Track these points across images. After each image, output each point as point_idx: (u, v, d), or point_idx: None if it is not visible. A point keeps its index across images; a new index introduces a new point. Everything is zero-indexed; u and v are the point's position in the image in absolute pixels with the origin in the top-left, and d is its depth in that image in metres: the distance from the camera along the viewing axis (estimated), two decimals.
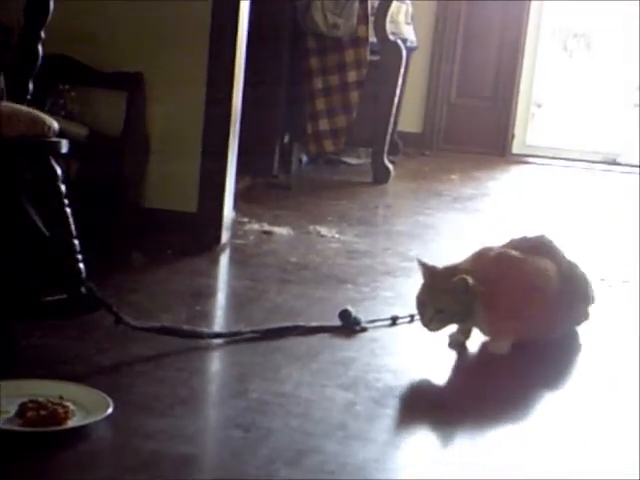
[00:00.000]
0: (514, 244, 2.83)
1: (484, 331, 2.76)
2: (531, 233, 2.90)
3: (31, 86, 2.69)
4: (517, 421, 2.33)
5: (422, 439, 2.22)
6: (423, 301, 2.69)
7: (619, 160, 6.97)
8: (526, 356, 2.70)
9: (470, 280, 2.63)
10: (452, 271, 2.69)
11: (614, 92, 7.53)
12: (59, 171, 2.64)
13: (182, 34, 3.56)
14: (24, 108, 2.59)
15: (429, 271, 2.71)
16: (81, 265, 2.69)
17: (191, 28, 3.56)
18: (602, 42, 7.58)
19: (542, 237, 2.87)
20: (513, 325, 2.70)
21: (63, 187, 2.66)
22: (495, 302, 2.68)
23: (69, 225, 2.66)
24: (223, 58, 3.56)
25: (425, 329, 2.68)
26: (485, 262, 2.75)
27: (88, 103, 3.57)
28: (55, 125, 2.59)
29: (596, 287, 3.04)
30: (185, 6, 3.53)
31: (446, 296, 2.64)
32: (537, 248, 2.82)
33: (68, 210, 2.66)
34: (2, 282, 2.74)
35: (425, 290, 2.70)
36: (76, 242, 2.68)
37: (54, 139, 2.60)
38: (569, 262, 2.87)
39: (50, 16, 2.63)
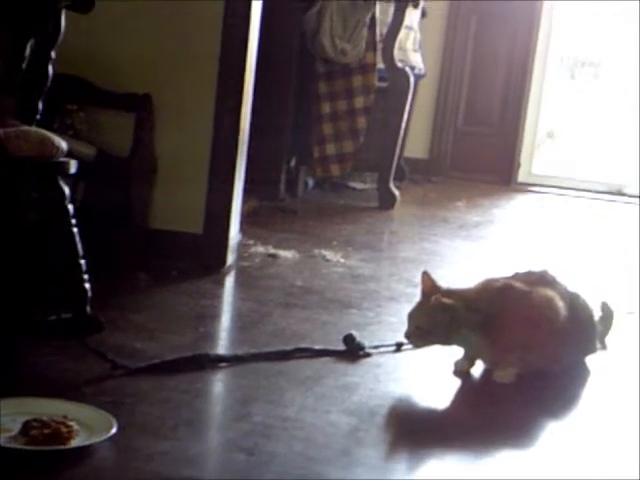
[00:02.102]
0: (519, 277, 2.84)
1: (487, 361, 2.76)
2: (535, 267, 2.90)
3: (40, 106, 2.70)
4: (520, 450, 2.32)
5: (424, 466, 2.21)
6: (410, 315, 2.73)
7: (625, 191, 6.97)
8: (531, 386, 2.69)
9: (447, 302, 2.64)
10: (449, 294, 2.69)
11: (621, 122, 7.54)
12: (67, 191, 2.65)
13: (191, 58, 3.58)
14: (33, 128, 2.60)
15: (427, 287, 2.73)
16: (87, 285, 2.70)
17: (201, 52, 3.57)
18: (610, 71, 7.61)
19: (546, 272, 2.87)
20: (519, 355, 2.70)
21: (71, 207, 2.67)
22: (500, 332, 2.68)
23: (76, 245, 2.67)
24: (232, 81, 3.58)
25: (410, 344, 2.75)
26: (490, 292, 2.75)
27: (96, 123, 3.58)
28: (64, 145, 2.60)
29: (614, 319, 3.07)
30: (195, 30, 3.55)
31: (425, 315, 2.68)
32: (541, 281, 2.82)
33: (75, 230, 2.67)
34: (7, 300, 2.75)
35: (416, 305, 2.74)
36: (82, 262, 2.69)
37: (63, 159, 2.61)
38: (573, 295, 2.87)
39: (61, 37, 2.65)
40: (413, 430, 2.40)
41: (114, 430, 2.06)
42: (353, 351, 2.81)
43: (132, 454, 2.04)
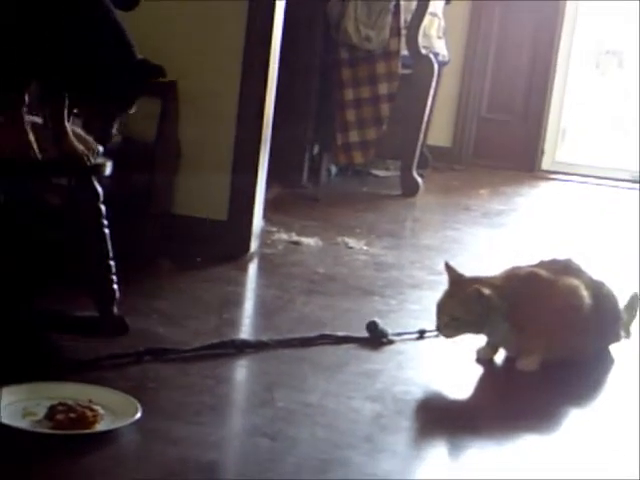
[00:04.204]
0: (543, 265, 2.83)
1: (510, 349, 2.75)
2: (560, 256, 2.89)
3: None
4: (543, 436, 2.32)
5: (447, 453, 2.22)
6: (441, 306, 2.72)
7: None
8: (555, 373, 2.69)
9: (485, 291, 2.63)
10: (476, 282, 2.69)
11: None
12: (101, 192, 2.64)
13: (216, 45, 3.58)
14: (69, 129, 2.58)
15: (453, 277, 2.74)
16: (115, 286, 2.68)
17: (225, 39, 3.57)
18: (634, 60, 7.55)
19: (570, 260, 2.87)
20: (543, 343, 2.70)
21: (103, 208, 2.66)
22: (525, 320, 2.68)
23: (106, 246, 2.65)
24: (256, 68, 3.58)
25: (441, 335, 2.73)
26: (515, 280, 2.75)
27: None
28: (99, 147, 2.59)
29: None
30: (220, 17, 3.55)
31: (461, 304, 2.67)
32: (566, 270, 2.82)
33: (106, 231, 2.65)
34: (30, 294, 2.76)
35: (445, 295, 2.73)
36: (112, 263, 2.67)
37: (99, 161, 2.59)
38: (597, 283, 2.86)
39: None
40: (436, 417, 2.40)
41: (139, 414, 2.08)
42: (376, 338, 2.81)
43: (156, 438, 2.06)
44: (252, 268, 3.60)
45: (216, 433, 2.12)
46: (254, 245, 3.69)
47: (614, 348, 2.92)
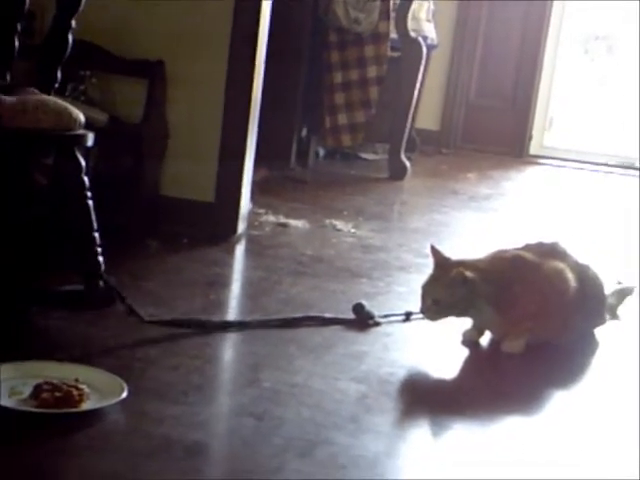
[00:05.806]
0: (530, 248, 2.84)
1: (495, 332, 2.76)
2: (546, 239, 2.90)
3: (59, 75, 2.69)
4: (526, 418, 2.34)
5: (431, 433, 2.23)
6: (425, 289, 2.72)
7: (637, 165, 6.95)
8: (540, 356, 2.70)
9: (469, 275, 2.64)
10: (461, 265, 2.70)
11: (634, 96, 7.50)
12: (83, 163, 2.64)
13: (204, 24, 3.57)
14: (51, 99, 2.58)
15: (438, 260, 2.74)
16: (100, 258, 2.69)
17: (214, 19, 3.56)
18: (623, 45, 7.56)
19: (556, 244, 2.87)
20: (528, 326, 2.71)
21: (86, 179, 2.66)
22: (510, 303, 2.69)
23: (90, 218, 2.66)
24: (244, 49, 3.57)
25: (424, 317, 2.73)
26: (500, 263, 2.76)
27: (109, 90, 3.58)
28: (81, 118, 2.59)
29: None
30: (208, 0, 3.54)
31: (444, 288, 2.67)
32: (552, 253, 2.83)
33: (90, 203, 2.66)
34: (18, 269, 2.75)
35: (430, 278, 2.74)
36: (96, 235, 2.67)
37: (80, 132, 2.60)
38: (583, 266, 2.87)
39: (82, 5, 2.64)
40: (421, 398, 2.41)
41: (125, 394, 2.08)
42: (363, 320, 2.82)
43: (142, 418, 2.06)
44: (239, 250, 3.61)
45: (203, 413, 2.13)
46: (241, 227, 3.69)
47: (599, 331, 2.94)
